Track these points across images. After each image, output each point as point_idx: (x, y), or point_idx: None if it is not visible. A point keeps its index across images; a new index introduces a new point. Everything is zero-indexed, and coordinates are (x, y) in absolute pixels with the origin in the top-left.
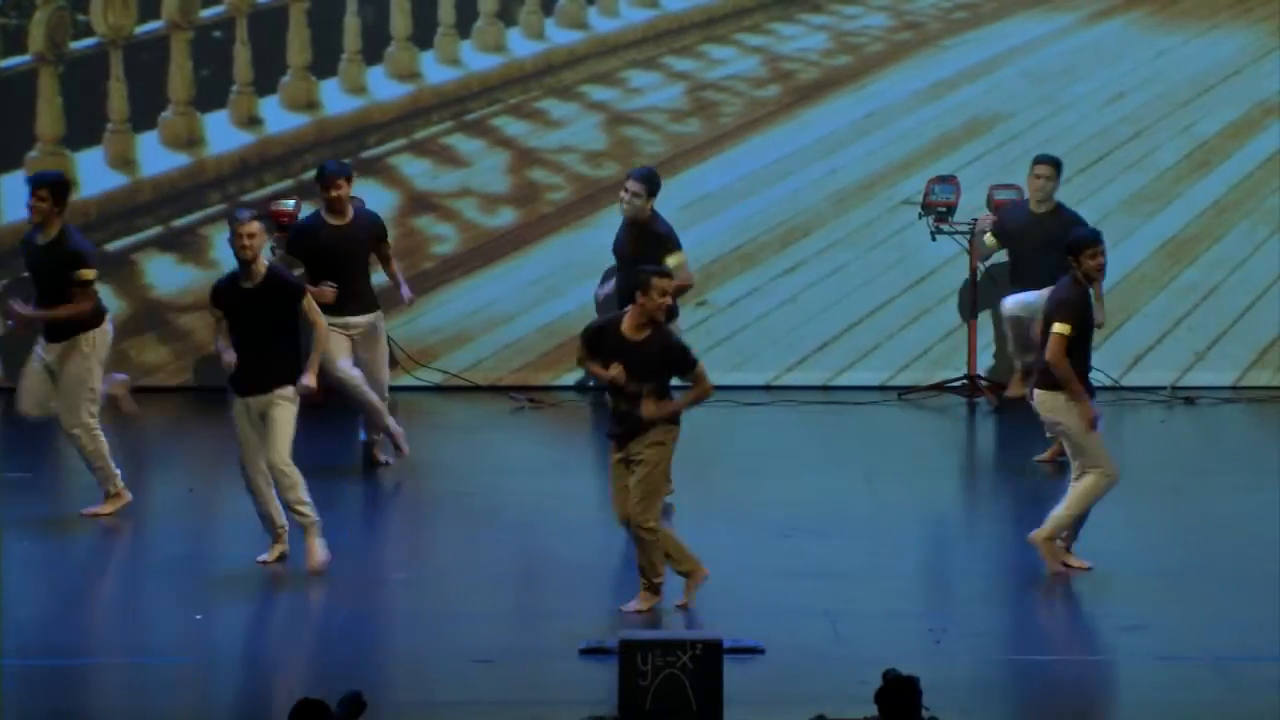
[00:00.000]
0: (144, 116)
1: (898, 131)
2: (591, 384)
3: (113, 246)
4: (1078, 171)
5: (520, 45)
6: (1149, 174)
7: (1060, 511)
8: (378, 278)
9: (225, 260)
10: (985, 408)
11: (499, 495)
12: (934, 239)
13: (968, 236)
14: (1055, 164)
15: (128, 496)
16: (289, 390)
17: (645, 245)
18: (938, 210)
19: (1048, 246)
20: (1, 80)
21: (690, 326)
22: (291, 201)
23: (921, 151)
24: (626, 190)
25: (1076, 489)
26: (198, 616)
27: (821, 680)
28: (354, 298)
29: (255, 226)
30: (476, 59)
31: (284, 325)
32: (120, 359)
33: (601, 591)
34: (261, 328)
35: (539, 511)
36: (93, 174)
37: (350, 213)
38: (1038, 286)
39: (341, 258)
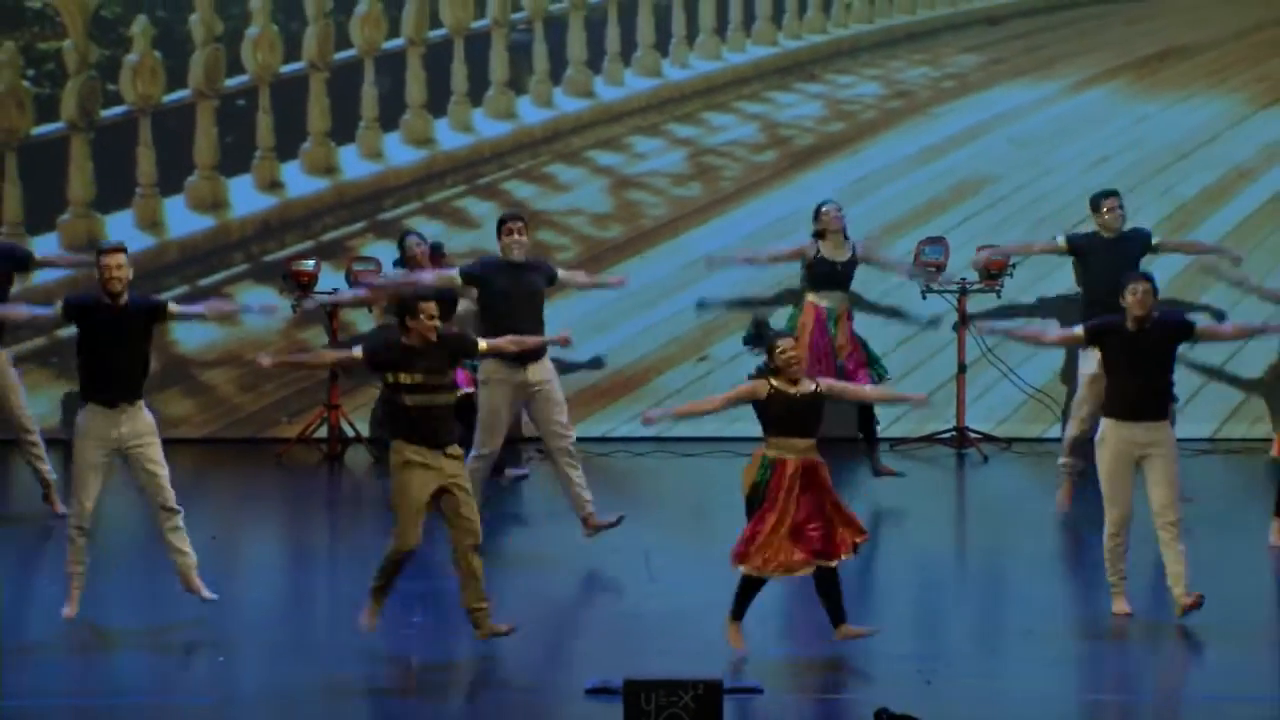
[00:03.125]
0: (171, 181)
1: (889, 194)
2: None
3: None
4: (1063, 231)
5: (530, 113)
6: None
7: None
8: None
9: (249, 317)
10: (974, 458)
11: (505, 538)
12: (924, 297)
13: (956, 295)
14: (1118, 195)
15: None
16: None
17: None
18: (928, 270)
19: (1124, 265)
20: (35, 146)
21: (691, 381)
22: (311, 261)
23: (912, 214)
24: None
25: None
26: (220, 659)
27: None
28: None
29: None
30: (488, 125)
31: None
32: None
33: (606, 634)
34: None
35: (547, 556)
36: (122, 236)
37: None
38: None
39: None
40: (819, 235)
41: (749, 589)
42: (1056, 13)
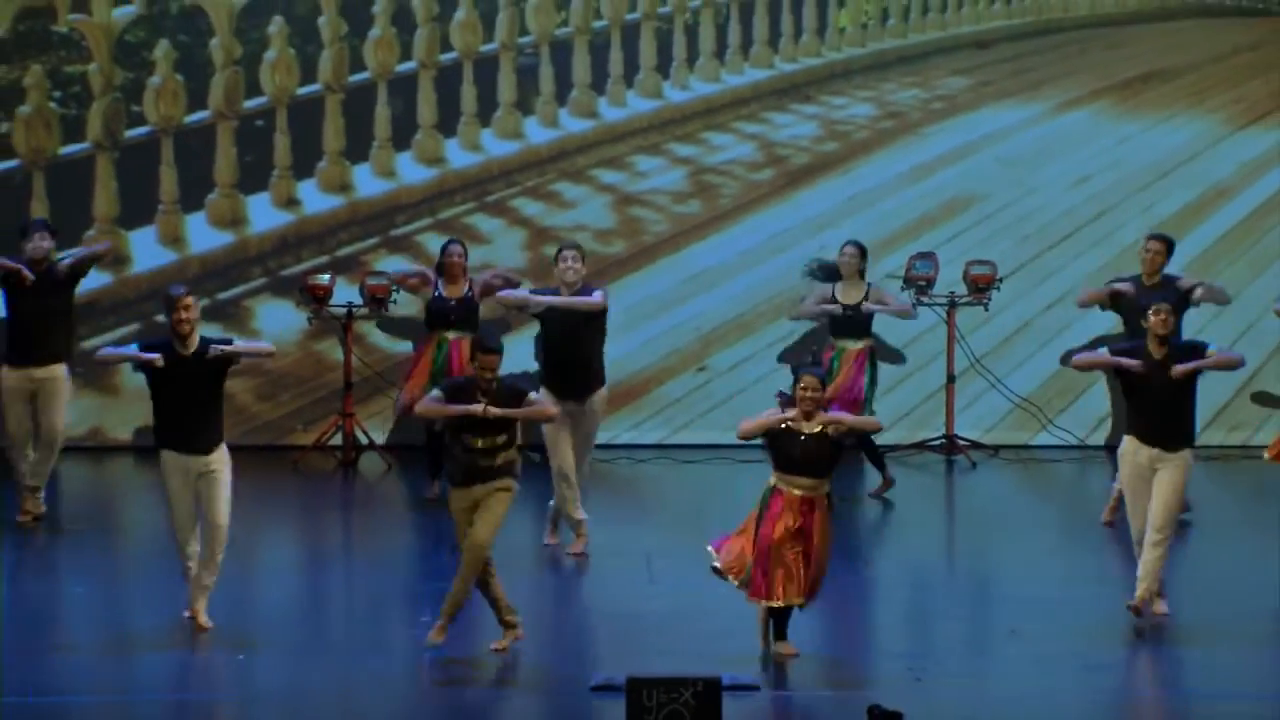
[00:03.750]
0: (192, 198)
1: (881, 211)
2: None
3: (162, 319)
4: (1047, 248)
5: (536, 133)
6: (1112, 250)
7: None
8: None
9: (267, 329)
10: (963, 465)
11: (513, 542)
12: (915, 308)
13: (945, 308)
14: (1166, 241)
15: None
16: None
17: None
18: (918, 284)
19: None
20: (62, 165)
21: (690, 390)
22: (327, 276)
23: (903, 230)
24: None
25: None
26: (240, 657)
27: (813, 715)
28: None
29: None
30: (496, 145)
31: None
32: None
33: (609, 634)
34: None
35: (554, 559)
36: (145, 251)
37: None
38: None
39: None
40: (832, 277)
41: (774, 613)
42: (1042, 37)
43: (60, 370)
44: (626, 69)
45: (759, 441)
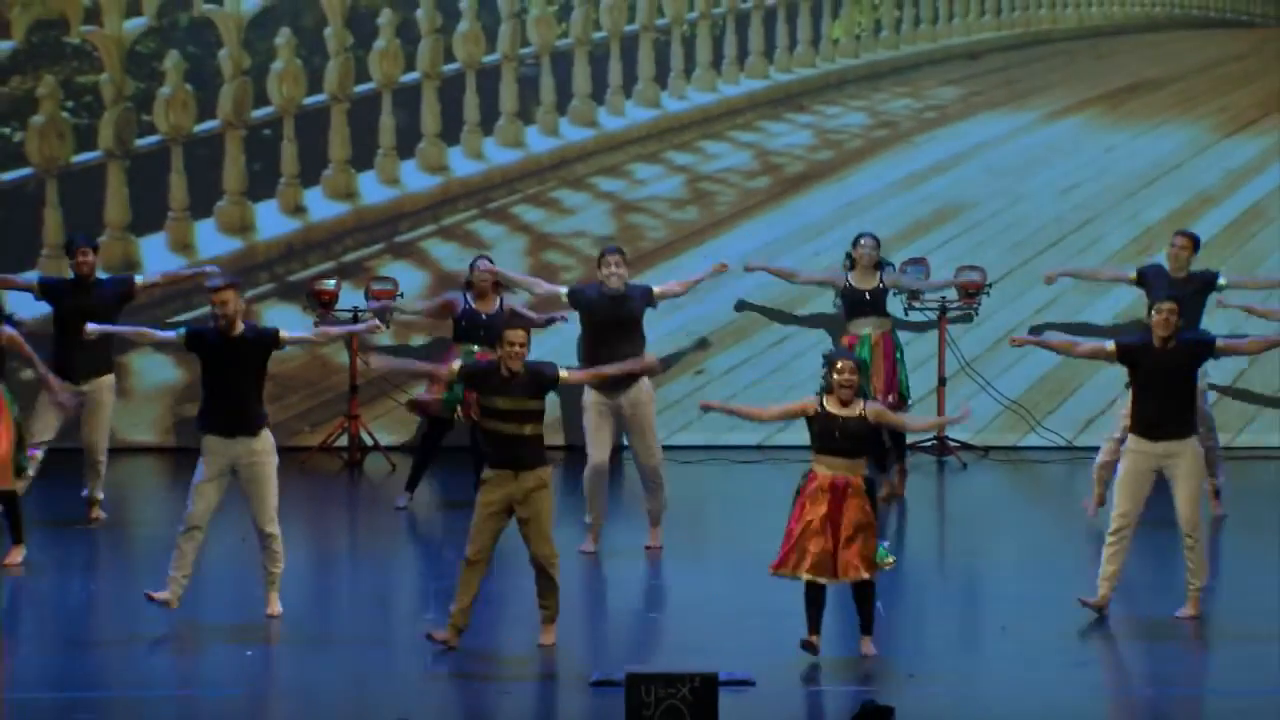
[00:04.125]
0: (201, 205)
1: (874, 218)
2: None
3: (173, 321)
4: (1035, 254)
5: (537, 141)
6: (1099, 257)
7: None
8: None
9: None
10: (953, 465)
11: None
12: (906, 314)
13: (936, 313)
14: (1192, 238)
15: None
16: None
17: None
18: (910, 289)
19: (1183, 307)
20: (75, 173)
21: (688, 393)
22: (333, 281)
23: (895, 236)
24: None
25: None
26: (248, 653)
27: (806, 709)
28: None
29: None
30: (498, 153)
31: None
32: (185, 421)
33: (610, 630)
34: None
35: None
36: (155, 257)
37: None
38: None
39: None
40: (850, 265)
41: (808, 599)
42: (1031, 48)
43: (105, 382)
44: (625, 79)
45: (752, 442)
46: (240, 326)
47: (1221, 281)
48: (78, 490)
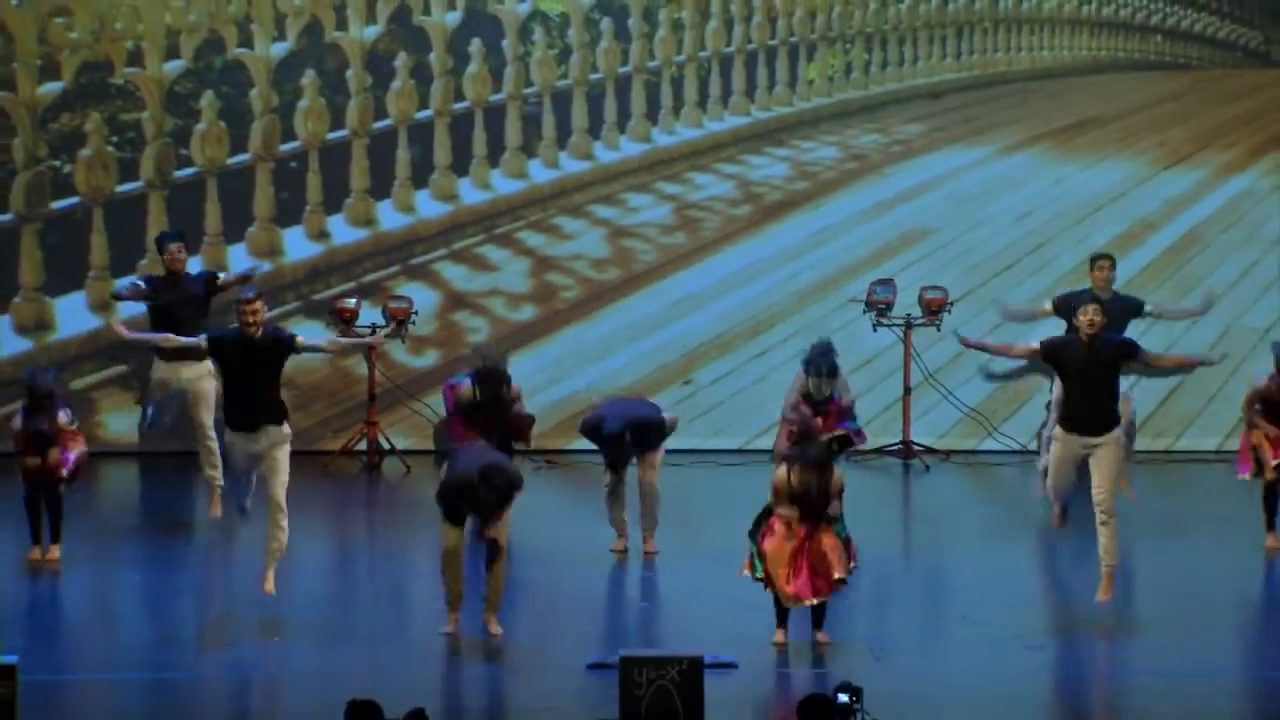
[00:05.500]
0: (234, 231)
1: (846, 243)
2: None
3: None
4: (992, 276)
5: (539, 173)
6: (1050, 278)
7: None
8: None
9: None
10: (918, 469)
11: (519, 536)
12: (875, 330)
13: (902, 328)
14: (1110, 258)
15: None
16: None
17: None
18: (878, 307)
19: (1107, 326)
20: (119, 202)
21: (676, 402)
22: (353, 300)
23: (865, 259)
24: None
25: None
26: (275, 639)
27: (783, 689)
28: None
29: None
30: (504, 184)
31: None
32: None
33: (605, 618)
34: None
35: (555, 550)
36: None
37: None
38: None
39: None
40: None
41: (777, 603)
42: (988, 88)
43: (204, 368)
44: (619, 116)
45: (734, 446)
46: (260, 331)
47: (1148, 309)
48: (115, 491)
